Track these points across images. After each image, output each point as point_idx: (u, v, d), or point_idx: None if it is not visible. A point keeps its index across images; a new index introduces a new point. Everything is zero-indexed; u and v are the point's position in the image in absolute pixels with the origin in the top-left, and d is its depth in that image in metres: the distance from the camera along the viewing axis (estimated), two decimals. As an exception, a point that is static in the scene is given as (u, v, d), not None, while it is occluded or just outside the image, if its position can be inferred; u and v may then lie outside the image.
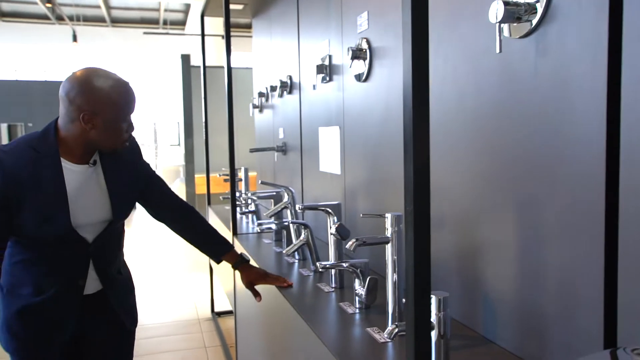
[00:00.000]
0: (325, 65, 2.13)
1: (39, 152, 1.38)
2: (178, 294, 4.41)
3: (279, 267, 1.94)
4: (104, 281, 1.55)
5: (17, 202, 1.33)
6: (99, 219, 1.48)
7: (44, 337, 1.48)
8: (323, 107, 2.23)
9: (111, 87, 1.37)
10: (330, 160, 2.15)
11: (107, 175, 1.50)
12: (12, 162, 1.34)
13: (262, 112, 3.48)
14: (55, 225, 1.38)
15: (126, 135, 1.46)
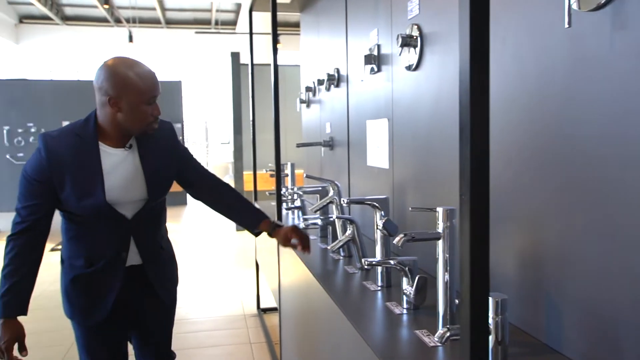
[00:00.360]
0: (373, 56, 2.05)
1: (80, 137, 1.58)
2: (225, 289, 4.44)
3: (324, 263, 1.88)
4: (144, 255, 1.69)
5: (59, 180, 1.53)
6: (135, 198, 1.63)
7: (94, 304, 1.65)
8: (371, 99, 2.15)
9: (133, 72, 1.52)
10: (378, 154, 2.06)
11: (142, 157, 1.64)
12: (56, 146, 1.55)
13: (309, 107, 3.43)
14: (92, 200, 1.55)
15: (151, 118, 1.58)
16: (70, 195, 1.54)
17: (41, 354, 3.14)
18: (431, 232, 1.13)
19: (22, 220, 1.55)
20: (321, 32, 3.05)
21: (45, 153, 1.54)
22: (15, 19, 14.83)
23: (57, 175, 1.53)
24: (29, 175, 1.55)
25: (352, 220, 1.66)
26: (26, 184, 1.55)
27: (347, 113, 2.50)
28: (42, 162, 1.53)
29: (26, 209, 1.55)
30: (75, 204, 1.55)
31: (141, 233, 1.68)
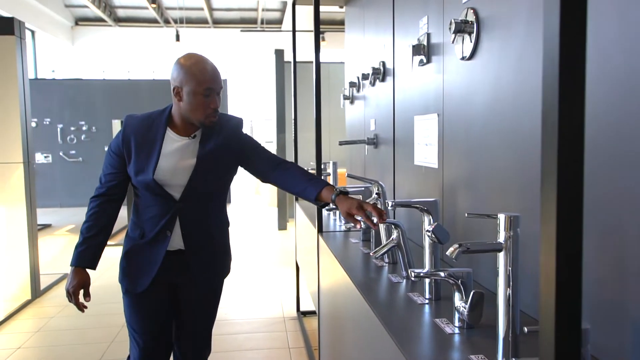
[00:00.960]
0: (422, 46, 1.89)
1: (154, 121, 1.78)
2: (265, 289, 4.37)
3: (366, 270, 1.74)
4: (187, 239, 1.79)
5: (128, 154, 1.76)
6: (181, 179, 1.75)
7: (138, 274, 1.80)
8: (419, 93, 1.99)
9: (194, 65, 1.68)
10: (426, 152, 1.90)
11: (201, 147, 1.76)
12: (132, 125, 1.78)
13: (353, 103, 3.29)
14: (143, 176, 1.72)
15: (209, 110, 1.70)
16: (131, 169, 1.75)
17: (83, 349, 3.15)
18: (490, 242, 0.98)
19: (101, 185, 1.81)
20: (367, 24, 2.91)
21: (122, 130, 1.78)
22: (72, 22, 15.42)
23: (127, 149, 1.75)
24: (110, 148, 1.81)
25: (397, 224, 1.52)
26: (107, 156, 1.82)
27: (393, 109, 2.35)
28: (119, 137, 1.78)
29: (105, 176, 1.81)
30: (134, 177, 1.76)
31: (188, 216, 1.78)
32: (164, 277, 1.80)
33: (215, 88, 1.69)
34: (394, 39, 2.33)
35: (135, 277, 1.81)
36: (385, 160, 2.53)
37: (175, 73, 1.69)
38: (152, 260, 1.79)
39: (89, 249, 1.77)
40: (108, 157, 1.81)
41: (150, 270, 1.79)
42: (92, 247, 1.78)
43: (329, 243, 2.19)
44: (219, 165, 1.80)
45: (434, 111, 1.82)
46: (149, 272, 1.79)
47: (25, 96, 3.91)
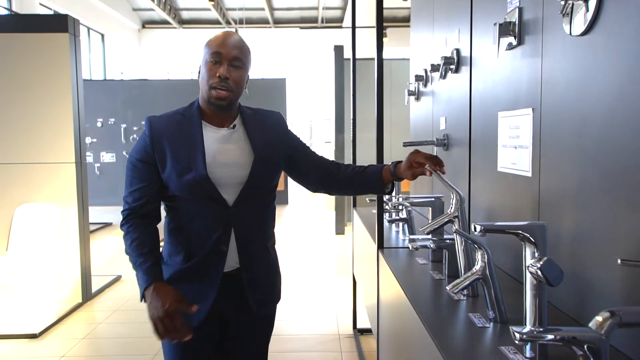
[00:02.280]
0: (511, 24, 1.52)
1: (184, 115, 1.52)
2: (320, 301, 4.07)
3: (438, 304, 1.39)
4: (243, 256, 1.51)
5: (161, 157, 1.46)
6: (236, 178, 1.49)
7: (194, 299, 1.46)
8: (506, 84, 1.61)
9: (213, 37, 1.50)
10: (514, 156, 1.53)
11: (250, 135, 1.54)
12: (159, 124, 1.50)
13: (419, 99, 2.92)
14: (192, 174, 1.44)
15: (215, 78, 1.45)
16: (171, 172, 1.46)
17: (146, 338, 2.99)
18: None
19: (129, 207, 1.49)
20: (437, 8, 2.54)
21: (148, 132, 1.49)
22: (139, 25, 15.91)
23: (159, 152, 1.47)
24: (133, 157, 1.50)
25: (481, 246, 1.16)
26: (132, 168, 1.50)
27: (470, 104, 1.98)
28: (146, 141, 1.49)
29: (133, 194, 1.49)
30: (176, 181, 1.46)
31: (243, 225, 1.51)
32: (216, 306, 1.50)
33: (226, 53, 1.44)
34: (471, 21, 1.96)
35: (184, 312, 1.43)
36: (458, 165, 2.16)
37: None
38: (206, 287, 1.48)
39: (156, 264, 1.45)
40: (133, 169, 1.49)
41: (205, 299, 1.47)
42: (157, 262, 1.46)
43: (391, 262, 1.86)
44: (274, 161, 1.56)
45: (527, 105, 1.44)
46: (204, 302, 1.47)
47: (79, 95, 3.84)
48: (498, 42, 1.56)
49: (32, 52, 3.72)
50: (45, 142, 3.76)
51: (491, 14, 1.73)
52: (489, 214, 1.77)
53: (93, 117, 9.20)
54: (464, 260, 1.41)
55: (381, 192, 1.60)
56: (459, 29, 2.13)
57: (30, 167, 3.78)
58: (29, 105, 3.75)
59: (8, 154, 3.77)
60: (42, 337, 3.30)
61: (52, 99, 3.75)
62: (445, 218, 1.39)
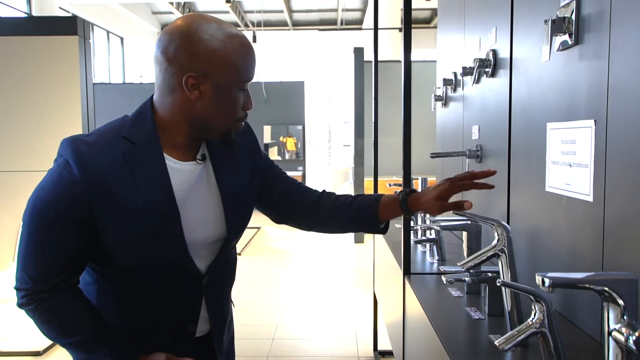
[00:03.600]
0: (567, 20, 1.28)
1: (133, 142, 1.00)
2: (338, 317, 3.85)
3: (477, 349, 1.16)
4: (214, 324, 1.16)
5: (108, 211, 0.95)
6: (213, 236, 1.09)
7: None
8: (558, 90, 1.38)
9: (226, 39, 0.97)
10: (570, 176, 1.29)
11: (220, 176, 1.09)
12: (95, 159, 0.96)
13: (446, 105, 2.69)
14: (164, 240, 1.00)
15: (242, 113, 1.05)
16: (125, 239, 0.98)
17: None
18: None
19: (36, 287, 0.97)
20: (468, 5, 2.30)
21: (79, 171, 0.94)
22: (158, 28, 15.92)
23: (101, 208, 0.95)
24: (50, 209, 0.95)
25: (540, 298, 0.93)
26: (45, 226, 0.96)
27: (510, 112, 1.74)
28: (75, 187, 0.94)
29: (47, 266, 0.97)
30: (131, 252, 1.00)
31: (214, 294, 1.14)
32: None
33: (252, 78, 1.05)
34: (512, 18, 1.72)
35: None
36: (494, 180, 1.92)
37: (188, 51, 0.95)
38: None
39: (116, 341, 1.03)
40: (50, 228, 0.96)
41: None
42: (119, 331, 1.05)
43: (420, 293, 1.63)
44: (248, 201, 1.16)
45: (588, 116, 1.21)
46: None
47: (88, 100, 3.69)
48: (550, 42, 1.32)
49: (41, 55, 3.59)
50: (52, 150, 3.59)
51: (538, 10, 1.50)
52: (533, 240, 1.53)
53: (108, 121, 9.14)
54: (511, 303, 1.18)
55: (374, 230, 1.22)
56: (495, 27, 1.90)
57: (36, 175, 3.62)
58: (37, 110, 3.62)
59: (13, 162, 3.64)
60: (46, 355, 3.15)
61: (60, 104, 3.61)
62: (488, 252, 1.17)
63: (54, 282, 0.99)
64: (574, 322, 1.26)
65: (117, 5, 12.72)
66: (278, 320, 3.74)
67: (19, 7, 9.85)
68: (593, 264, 1.18)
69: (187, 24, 0.97)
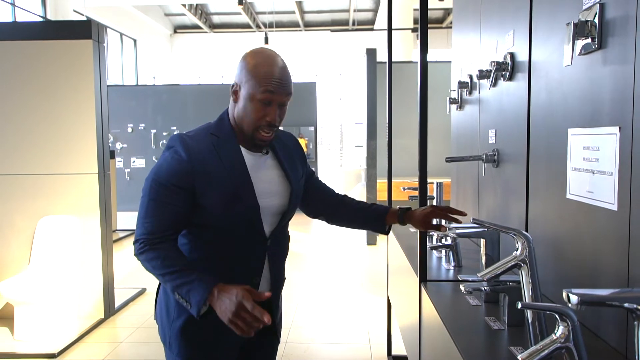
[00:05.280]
0: (589, 23, 1.25)
1: (218, 137, 1.40)
2: (351, 321, 3.83)
3: (500, 365, 1.13)
4: (274, 283, 1.50)
5: (204, 184, 1.33)
6: (278, 206, 1.45)
7: (219, 342, 1.42)
8: (580, 95, 1.35)
9: (262, 62, 1.33)
10: (591, 183, 1.26)
11: (283, 163, 1.49)
12: (195, 146, 1.35)
13: (462, 108, 2.65)
14: (242, 205, 1.36)
15: (263, 121, 1.35)
16: (216, 201, 1.34)
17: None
18: None
19: (152, 237, 1.31)
20: (485, 6, 2.27)
21: (186, 154, 1.33)
22: (171, 30, 16.00)
23: (201, 178, 1.32)
24: (165, 181, 1.32)
25: (565, 315, 0.90)
26: (163, 193, 1.32)
27: (528, 117, 1.71)
28: (183, 164, 1.32)
29: (162, 222, 1.32)
30: (220, 211, 1.35)
31: (276, 254, 1.49)
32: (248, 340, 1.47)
33: (277, 96, 1.33)
34: (530, 20, 1.69)
35: (214, 348, 1.41)
36: (511, 185, 1.89)
37: (239, 68, 1.37)
38: None
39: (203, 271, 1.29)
40: (165, 194, 1.31)
41: (233, 341, 1.41)
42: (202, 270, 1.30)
43: (437, 301, 1.60)
44: (301, 186, 1.56)
45: (612, 123, 1.18)
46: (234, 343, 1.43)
47: (102, 104, 3.71)
48: (573, 46, 1.29)
49: (56, 59, 3.62)
50: (67, 152, 3.65)
51: (558, 13, 1.47)
52: (553, 249, 1.50)
53: (124, 123, 9.20)
54: (532, 313, 1.15)
55: (381, 232, 1.62)
56: (513, 30, 1.87)
57: (52, 178, 3.66)
58: (52, 114, 3.65)
59: (30, 164, 3.67)
60: (61, 357, 3.17)
61: (75, 107, 3.63)
62: (509, 262, 1.14)
63: (165, 233, 1.32)
64: (598, 335, 1.22)
65: (130, 8, 12.81)
66: (291, 323, 3.73)
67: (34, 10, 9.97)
68: (618, 276, 1.14)
69: (246, 53, 1.39)
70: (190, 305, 1.25)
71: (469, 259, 2.08)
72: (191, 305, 1.24)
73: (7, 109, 3.67)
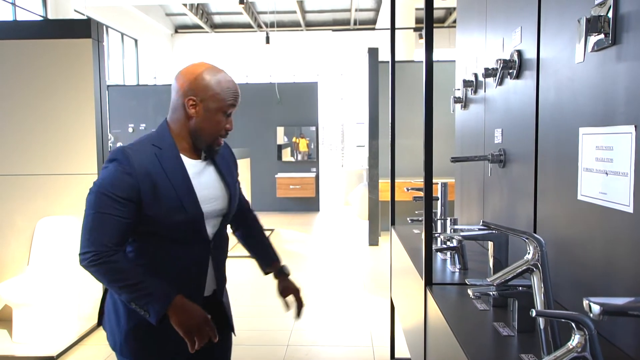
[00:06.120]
0: (601, 18, 1.21)
1: (160, 147, 1.47)
2: (353, 322, 3.79)
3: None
4: (218, 280, 1.61)
5: (150, 193, 1.40)
6: (220, 208, 1.56)
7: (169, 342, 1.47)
8: (592, 93, 1.30)
9: (218, 79, 1.48)
10: (604, 184, 1.22)
11: (222, 171, 1.60)
12: (139, 158, 1.41)
13: (466, 107, 2.61)
14: (188, 211, 1.45)
15: (223, 131, 1.52)
16: (160, 211, 1.41)
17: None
18: None
19: (105, 250, 1.36)
20: (490, 2, 2.23)
21: (129, 166, 1.38)
22: (172, 29, 15.97)
23: (147, 190, 1.39)
24: (112, 193, 1.36)
25: (582, 323, 0.86)
26: (109, 205, 1.36)
27: (537, 115, 1.67)
28: (128, 177, 1.37)
29: (114, 236, 1.36)
30: (166, 221, 1.43)
31: (218, 257, 1.60)
32: None
33: (235, 107, 1.53)
34: (539, 16, 1.65)
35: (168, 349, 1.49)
36: (519, 186, 1.84)
37: (193, 84, 1.46)
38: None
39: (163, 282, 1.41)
40: (114, 208, 1.36)
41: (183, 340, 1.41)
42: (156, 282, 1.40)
43: (443, 305, 1.56)
44: (237, 189, 1.69)
45: (627, 122, 1.13)
46: (184, 343, 1.41)
47: (102, 104, 3.67)
48: (585, 42, 1.25)
49: (54, 58, 3.58)
50: (66, 153, 3.61)
51: (568, 9, 1.42)
52: (563, 251, 1.46)
53: (124, 123, 9.17)
54: (544, 320, 1.11)
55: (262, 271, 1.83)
56: (521, 27, 1.82)
57: (51, 178, 3.63)
58: (51, 113, 3.61)
59: (29, 165, 3.63)
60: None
61: (74, 107, 3.59)
62: (520, 267, 1.09)
63: (114, 244, 1.37)
64: (613, 342, 1.18)
65: (131, 8, 12.78)
66: (292, 325, 3.69)
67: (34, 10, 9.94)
68: (635, 281, 1.10)
69: (193, 68, 1.49)
70: (149, 315, 1.35)
71: (475, 261, 2.04)
72: (150, 315, 1.35)
73: (5, 109, 3.63)
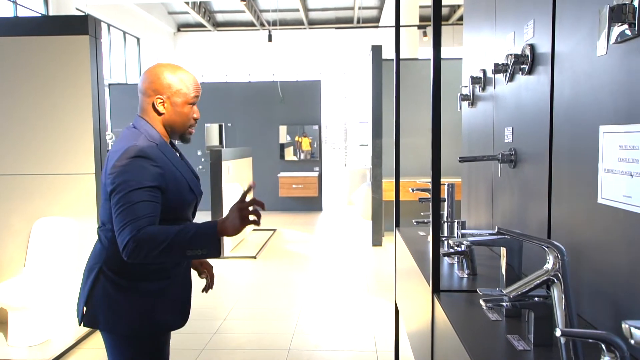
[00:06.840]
0: (625, 7, 1.12)
1: (157, 144, 1.64)
2: (356, 325, 3.70)
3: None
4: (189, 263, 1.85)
5: (170, 183, 1.60)
6: (199, 193, 1.76)
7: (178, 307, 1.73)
8: (614, 88, 1.21)
9: (184, 74, 1.69)
10: (629, 187, 1.12)
11: (184, 158, 1.79)
12: (155, 154, 1.59)
13: (474, 105, 2.52)
14: (194, 193, 1.72)
15: (192, 120, 1.73)
16: (177, 195, 1.64)
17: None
18: None
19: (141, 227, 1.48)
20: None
21: (155, 162, 1.58)
22: (174, 28, 15.90)
23: (168, 179, 1.61)
24: (149, 184, 1.54)
25: (615, 346, 0.77)
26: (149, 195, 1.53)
27: (551, 113, 1.57)
28: (156, 169, 1.56)
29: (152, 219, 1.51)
30: (178, 203, 1.65)
31: None
32: None
33: (199, 96, 1.72)
34: (554, 9, 1.55)
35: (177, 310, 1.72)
36: (531, 188, 1.75)
37: (157, 83, 1.64)
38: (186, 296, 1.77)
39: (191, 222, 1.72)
40: (151, 196, 1.54)
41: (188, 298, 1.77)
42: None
43: (453, 315, 1.47)
44: None
45: (655, 119, 1.04)
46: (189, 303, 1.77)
47: (100, 102, 3.59)
48: (608, 33, 1.16)
49: (51, 55, 3.50)
50: (63, 152, 3.53)
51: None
52: (581, 258, 1.36)
53: (126, 122, 9.08)
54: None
55: None
56: (533, 19, 1.73)
57: (48, 178, 3.55)
58: (48, 112, 3.53)
59: (25, 165, 3.55)
60: (56, 364, 3.06)
61: (71, 105, 3.52)
62: (540, 277, 1.00)
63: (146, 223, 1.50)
64: (639, 359, 1.09)
65: (133, 6, 12.72)
66: (294, 328, 3.61)
67: (36, 8, 9.88)
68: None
69: (157, 67, 1.67)
70: (210, 247, 1.50)
71: (484, 266, 1.94)
72: (210, 244, 1.50)
73: (1, 107, 3.55)
